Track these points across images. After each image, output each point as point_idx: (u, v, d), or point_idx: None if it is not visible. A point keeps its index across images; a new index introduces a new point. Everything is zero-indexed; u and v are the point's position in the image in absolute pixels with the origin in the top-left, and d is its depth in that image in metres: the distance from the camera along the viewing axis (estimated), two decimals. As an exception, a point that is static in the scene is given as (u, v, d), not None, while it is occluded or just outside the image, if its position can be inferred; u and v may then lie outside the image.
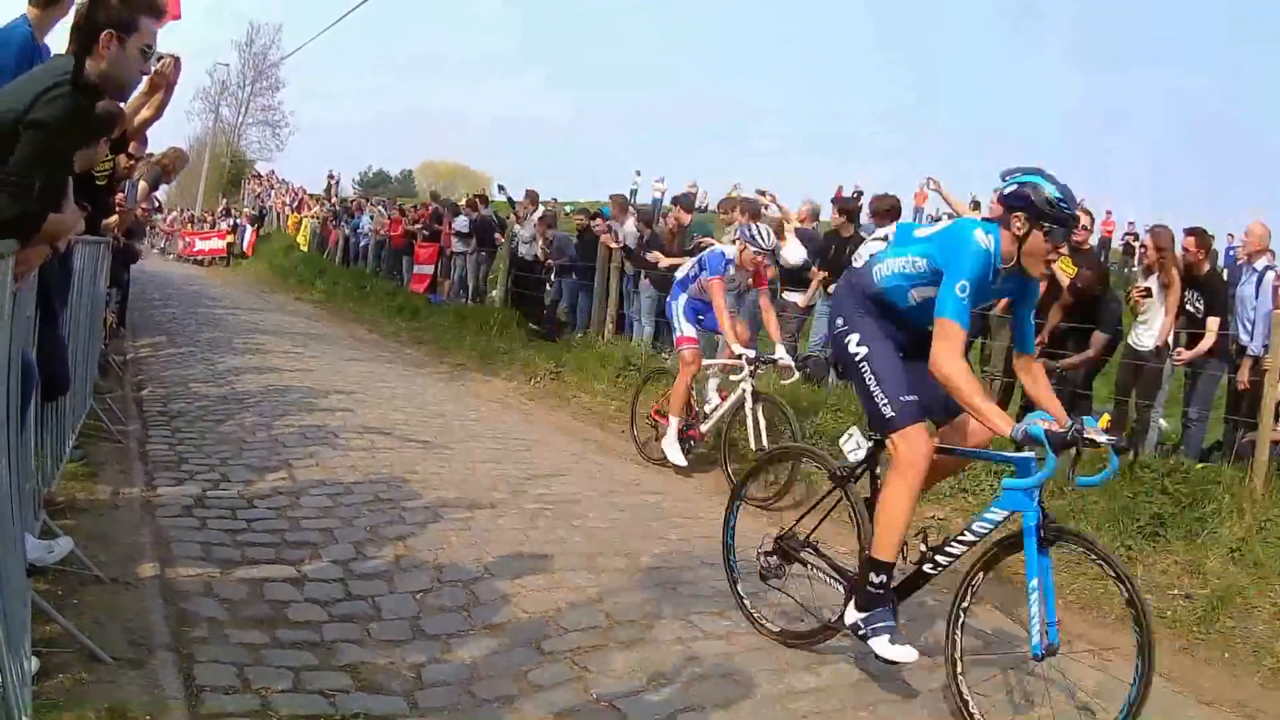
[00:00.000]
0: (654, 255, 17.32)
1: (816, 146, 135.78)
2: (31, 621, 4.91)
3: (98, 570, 6.35)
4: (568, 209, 39.10)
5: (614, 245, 18.66)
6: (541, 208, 24.27)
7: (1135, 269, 29.89)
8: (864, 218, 15.36)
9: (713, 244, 15.64)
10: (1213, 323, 11.61)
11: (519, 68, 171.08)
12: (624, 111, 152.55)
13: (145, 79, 7.17)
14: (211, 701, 5.02)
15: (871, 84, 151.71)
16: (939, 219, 17.79)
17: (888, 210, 14.37)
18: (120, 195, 11.74)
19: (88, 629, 5.46)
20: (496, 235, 24.38)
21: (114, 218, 11.76)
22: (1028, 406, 12.94)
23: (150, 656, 5.39)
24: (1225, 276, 13.96)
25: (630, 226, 18.85)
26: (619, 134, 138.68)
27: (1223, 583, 8.68)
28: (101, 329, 11.97)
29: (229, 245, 46.12)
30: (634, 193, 47.11)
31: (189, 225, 54.73)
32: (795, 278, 15.30)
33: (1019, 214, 5.88)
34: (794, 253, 15.06)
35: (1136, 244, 38.05)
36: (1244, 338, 11.98)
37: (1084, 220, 14.32)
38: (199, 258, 48.38)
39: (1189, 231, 12.14)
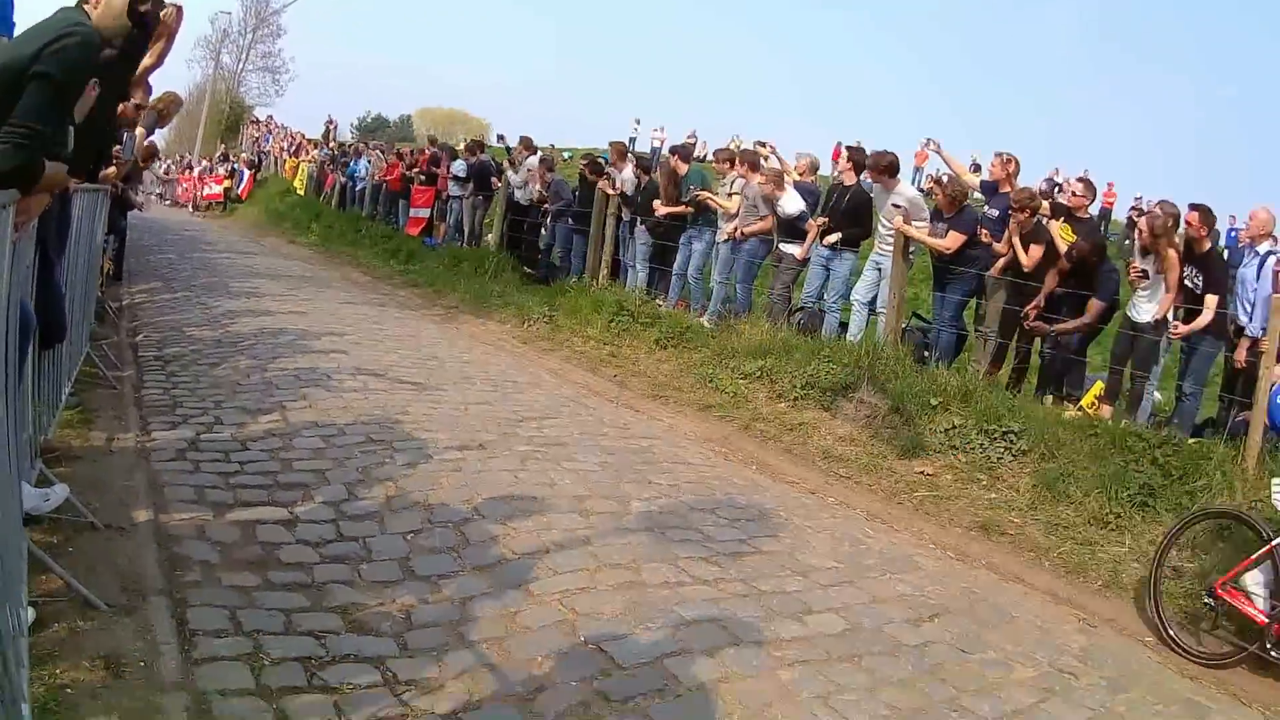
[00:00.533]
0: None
1: (818, 106, 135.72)
2: (28, 571, 4.97)
3: (92, 517, 6.42)
4: (566, 154, 39.08)
5: (611, 191, 18.64)
6: (539, 152, 24.26)
7: (1130, 243, 30.06)
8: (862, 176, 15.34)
9: (707, 195, 15.78)
10: (1210, 300, 11.60)
11: (526, 17, 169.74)
12: (626, 60, 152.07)
13: None
14: (204, 645, 5.09)
15: (877, 47, 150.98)
16: (939, 180, 17.73)
17: (886, 167, 14.36)
18: (117, 149, 11.73)
19: (82, 577, 5.53)
20: (493, 180, 24.34)
21: (112, 168, 11.76)
22: (1021, 369, 13.12)
23: (144, 602, 5.47)
24: (1225, 257, 13.91)
25: (628, 173, 18.83)
26: (620, 83, 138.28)
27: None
28: (98, 276, 11.98)
29: (225, 190, 45.90)
30: (633, 141, 47.19)
31: (187, 171, 54.47)
32: (792, 229, 15.31)
33: None
34: (792, 203, 15.05)
35: (1139, 219, 38.31)
36: (1242, 318, 11.95)
37: (1081, 189, 14.35)
38: (196, 203, 48.25)
39: (1193, 207, 12.09)
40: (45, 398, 7.24)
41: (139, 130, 13.39)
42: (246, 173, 46.82)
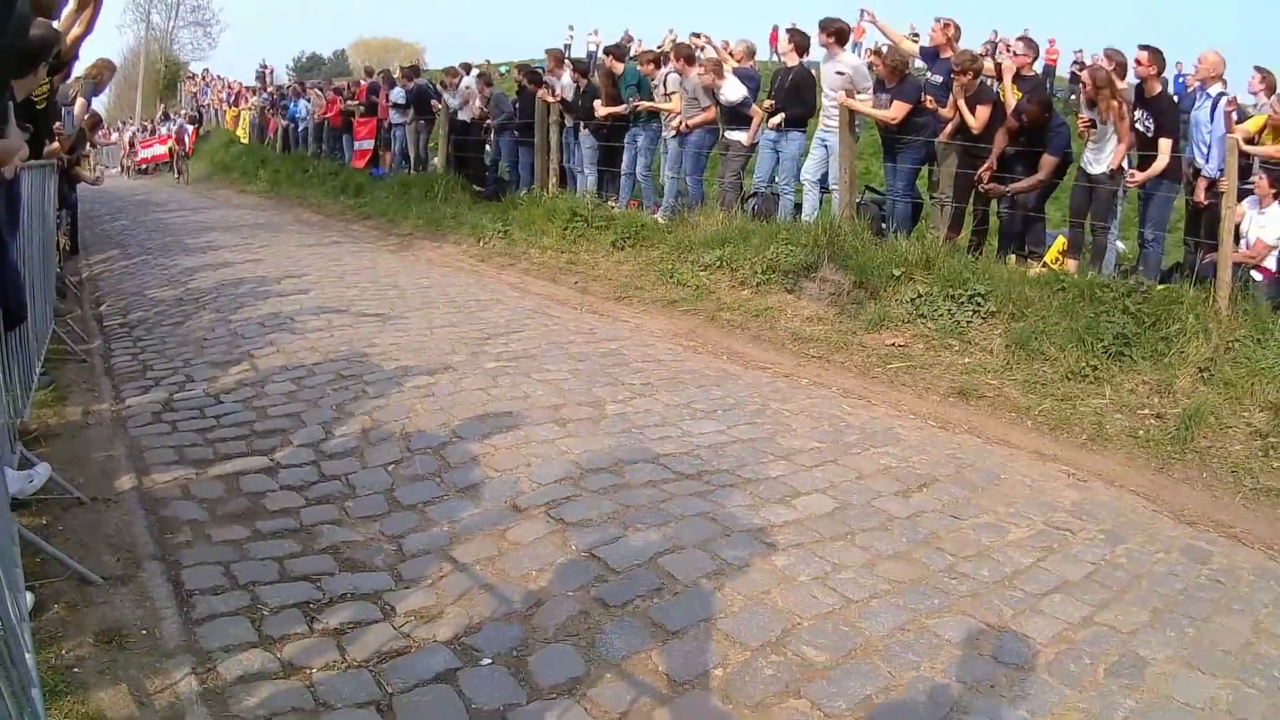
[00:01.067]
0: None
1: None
2: (21, 554, 5.02)
3: (78, 492, 6.45)
4: (503, 69, 38.78)
5: (551, 99, 18.55)
6: (475, 69, 24.15)
7: (1076, 97, 30.04)
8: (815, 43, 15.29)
9: (647, 105, 15.78)
10: (1164, 144, 11.61)
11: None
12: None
13: None
14: (203, 605, 5.15)
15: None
16: (878, 52, 17.68)
17: (835, 32, 14.33)
18: (58, 125, 11.66)
19: (75, 553, 5.59)
20: (433, 103, 24.18)
21: (55, 144, 11.68)
22: (980, 232, 13.16)
23: (138, 570, 5.52)
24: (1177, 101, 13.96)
25: (566, 79, 18.70)
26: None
27: (1193, 402, 8.86)
28: (55, 252, 11.96)
29: (171, 151, 45.33)
30: (568, 48, 47.03)
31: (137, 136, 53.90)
32: (736, 116, 15.29)
33: None
34: (733, 90, 15.01)
35: (1082, 73, 38.38)
36: (1199, 161, 11.99)
37: (1023, 48, 14.34)
38: (143, 166, 47.82)
39: (1142, 47, 12.04)
40: (18, 380, 7.25)
41: (78, 101, 13.31)
42: (190, 128, 46.36)
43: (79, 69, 11.98)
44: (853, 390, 9.73)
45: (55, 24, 7.40)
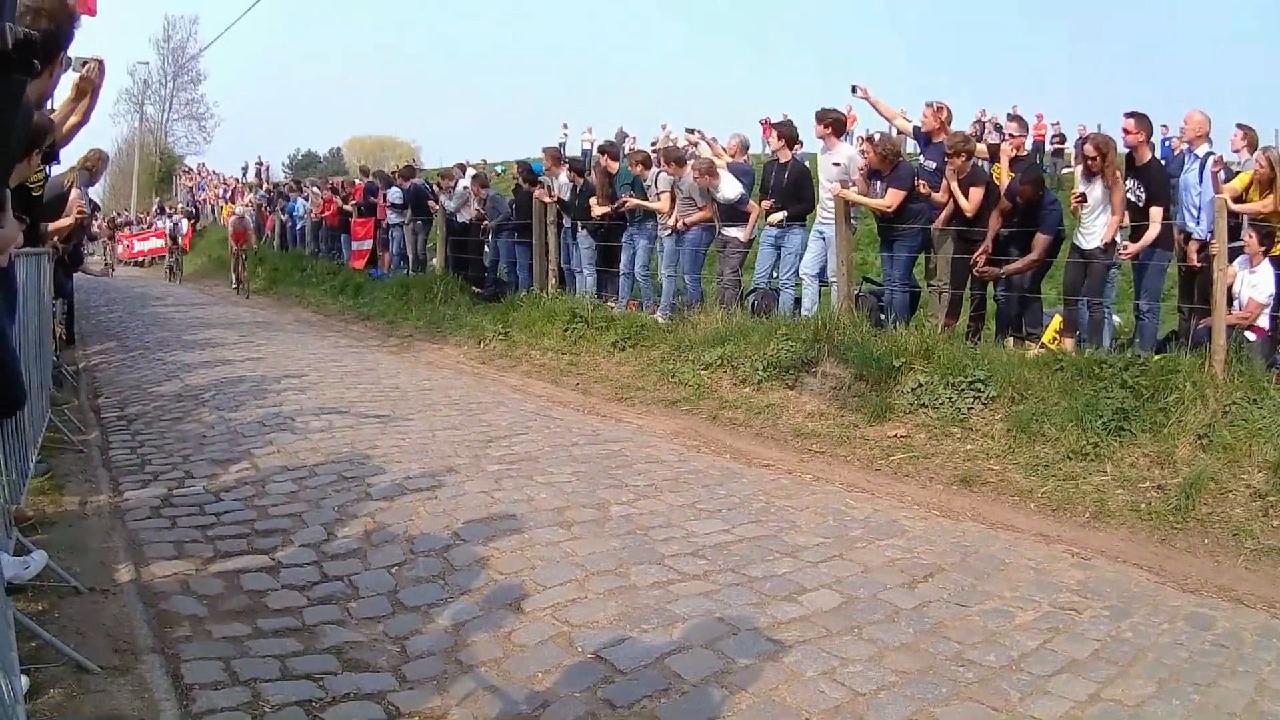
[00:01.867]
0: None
1: (740, 84, 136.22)
2: (16, 639, 4.93)
3: (75, 581, 6.37)
4: (499, 169, 39.06)
5: (547, 199, 18.66)
6: (471, 169, 24.28)
7: (1067, 170, 30.14)
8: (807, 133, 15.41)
9: (636, 202, 15.84)
10: (1156, 212, 11.71)
11: (430, 35, 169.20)
12: (547, 65, 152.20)
13: (72, 85, 7.18)
14: (202, 699, 5.04)
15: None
16: (870, 139, 17.84)
17: (833, 122, 14.48)
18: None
19: (72, 641, 5.49)
20: (430, 203, 24.29)
21: (60, 221, 11.67)
22: (978, 316, 13.19)
23: (137, 661, 5.42)
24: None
25: (563, 179, 18.84)
26: (543, 89, 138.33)
27: (1194, 470, 8.86)
28: (51, 340, 11.93)
29: (167, 246, 45.44)
30: (564, 145, 47.35)
31: (126, 229, 54.14)
32: (733, 212, 15.34)
33: None
34: (730, 188, 15.10)
35: (1063, 145, 38.71)
36: (1190, 225, 12.08)
37: (1015, 128, 14.46)
38: (139, 259, 48.05)
39: (1129, 114, 12.20)
40: (14, 466, 7.18)
41: (73, 191, 13.31)
42: (185, 223, 46.57)
43: (72, 158, 12.00)
44: (856, 483, 9.71)
45: (50, 112, 7.38)
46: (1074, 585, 7.07)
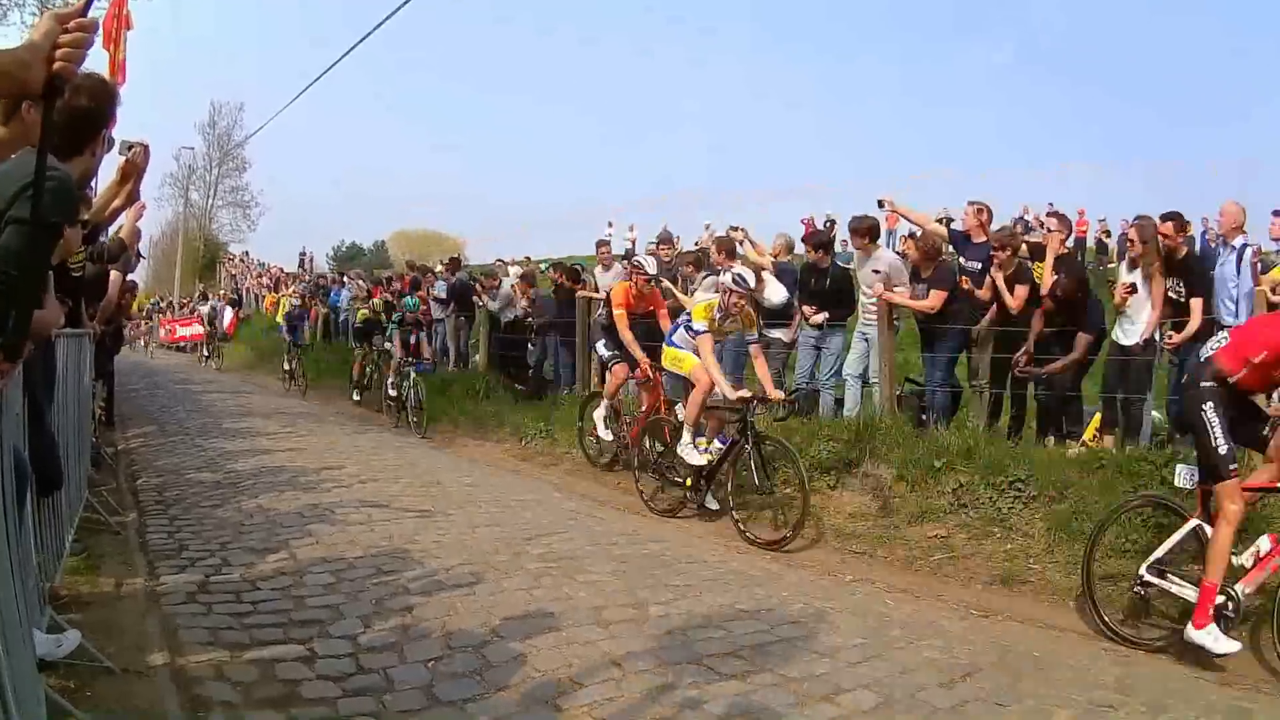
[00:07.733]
0: None
1: (783, 172, 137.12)
2: (48, 715, 4.88)
3: (108, 661, 6.32)
4: (543, 266, 39.19)
5: (593, 295, 18.64)
6: (514, 266, 24.35)
7: (1111, 265, 30.06)
8: (840, 244, 15.43)
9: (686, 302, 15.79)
10: (1196, 304, 11.79)
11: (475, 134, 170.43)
12: (591, 163, 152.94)
13: (116, 168, 7.23)
14: (234, 786, 4.99)
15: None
16: (913, 236, 17.88)
17: (866, 230, 14.52)
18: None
19: (103, 721, 5.42)
20: (474, 298, 24.39)
21: (95, 309, 11.72)
22: (1020, 415, 13.11)
23: (170, 745, 5.36)
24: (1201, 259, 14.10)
25: (610, 275, 18.83)
26: (586, 188, 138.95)
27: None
28: (90, 421, 11.95)
29: (209, 336, 45.73)
30: (607, 243, 47.58)
31: (168, 312, 54.67)
32: (774, 311, 15.34)
33: None
34: (776, 293, 15.11)
35: (1109, 240, 38.56)
36: (1227, 318, 12.02)
37: (1056, 224, 14.46)
38: (180, 344, 48.46)
39: (1165, 217, 12.28)
40: (49, 545, 7.17)
41: (113, 273, 13.36)
42: (230, 311, 46.89)
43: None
44: (896, 584, 9.72)
45: (93, 195, 7.44)
46: (1111, 682, 7.04)
